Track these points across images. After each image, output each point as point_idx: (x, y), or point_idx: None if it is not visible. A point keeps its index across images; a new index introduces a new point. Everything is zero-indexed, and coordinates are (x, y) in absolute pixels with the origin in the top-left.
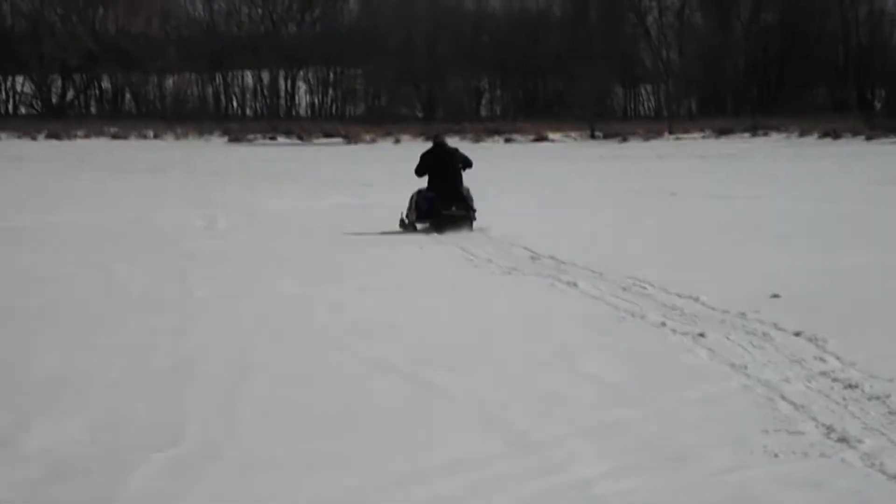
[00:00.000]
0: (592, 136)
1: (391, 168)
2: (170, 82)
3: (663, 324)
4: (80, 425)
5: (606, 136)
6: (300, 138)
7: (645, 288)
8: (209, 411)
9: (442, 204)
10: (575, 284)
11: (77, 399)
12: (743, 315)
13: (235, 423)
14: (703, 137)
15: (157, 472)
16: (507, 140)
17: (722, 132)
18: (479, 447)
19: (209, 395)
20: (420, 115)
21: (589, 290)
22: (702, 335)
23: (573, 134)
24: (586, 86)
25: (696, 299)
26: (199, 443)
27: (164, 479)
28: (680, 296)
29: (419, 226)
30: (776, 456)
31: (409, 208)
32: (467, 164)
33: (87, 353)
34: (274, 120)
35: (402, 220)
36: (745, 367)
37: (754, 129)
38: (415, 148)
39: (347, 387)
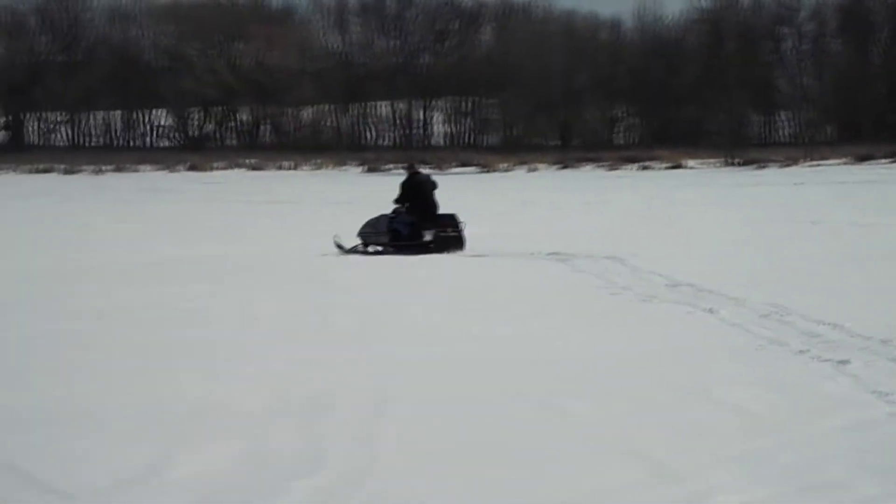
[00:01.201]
0: (729, 163)
1: (525, 197)
2: (306, 114)
3: (804, 351)
4: (224, 454)
5: (743, 163)
6: (435, 167)
7: (785, 315)
8: (350, 441)
9: (426, 227)
10: (714, 311)
11: (221, 429)
12: (886, 342)
13: (375, 453)
14: (843, 164)
15: (299, 502)
16: (644, 167)
17: (861, 158)
18: (620, 477)
19: (350, 426)
20: (556, 143)
21: (728, 318)
22: (844, 362)
23: (709, 161)
24: (722, 114)
25: (838, 326)
26: (340, 473)
27: None
28: (821, 323)
29: (371, 249)
30: None
31: (372, 232)
32: (435, 187)
33: (230, 384)
34: (409, 149)
35: (338, 245)
36: (889, 395)
37: (894, 155)
38: (549, 176)
39: (486, 417)
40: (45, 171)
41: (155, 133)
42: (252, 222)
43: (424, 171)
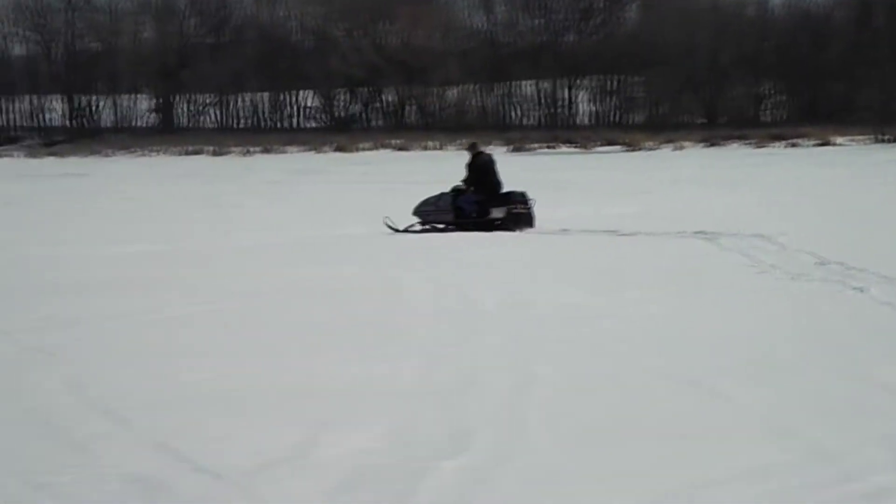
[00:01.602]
0: (879, 140)
1: (672, 175)
2: (451, 94)
3: None
4: (372, 434)
5: (894, 140)
6: (581, 147)
7: None
8: (496, 420)
9: (494, 205)
10: (864, 290)
11: (368, 409)
12: None
13: (522, 432)
14: None
15: (447, 481)
16: (791, 145)
17: None
18: (772, 455)
19: (496, 404)
20: (702, 121)
21: (879, 296)
22: None
23: (859, 137)
24: (872, 89)
25: None
26: (487, 452)
27: (454, 487)
28: None
29: (417, 225)
30: None
31: (433, 210)
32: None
33: (377, 364)
34: (554, 129)
35: (389, 225)
36: None
37: None
38: (695, 155)
39: (632, 395)
40: (195, 152)
41: (302, 114)
42: (397, 202)
43: (487, 150)
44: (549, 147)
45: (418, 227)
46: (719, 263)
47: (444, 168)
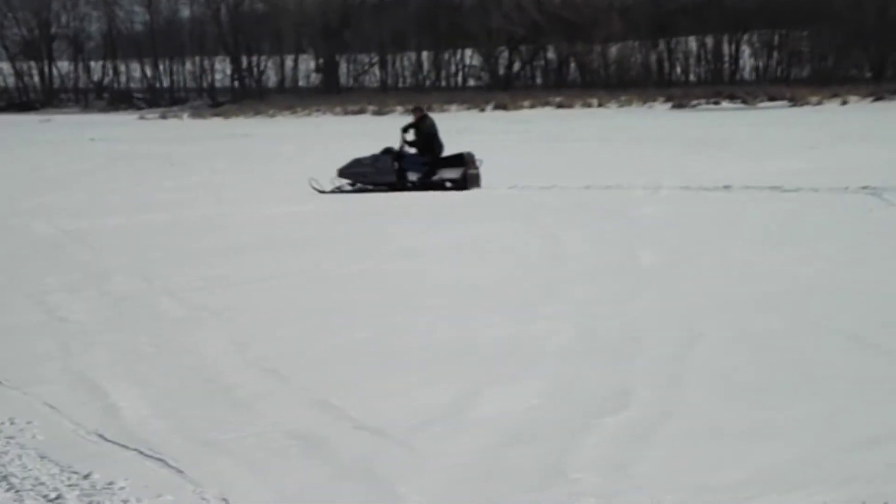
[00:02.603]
0: None
1: (837, 131)
2: (613, 50)
3: None
4: (531, 392)
5: None
6: (744, 102)
7: None
8: (658, 377)
9: (443, 166)
10: None
11: (528, 366)
12: None
13: (684, 389)
14: None
15: (608, 438)
16: None
17: None
18: None
19: (657, 362)
20: (868, 75)
21: None
22: None
23: None
24: None
25: None
26: (648, 409)
27: (615, 444)
28: None
29: (347, 186)
30: None
31: (371, 171)
32: None
33: (538, 321)
34: (717, 84)
35: (315, 187)
36: None
37: None
38: (862, 109)
39: (796, 351)
40: (357, 112)
41: (463, 73)
42: (561, 160)
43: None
44: (711, 103)
45: (348, 189)
46: (885, 219)
47: (605, 124)
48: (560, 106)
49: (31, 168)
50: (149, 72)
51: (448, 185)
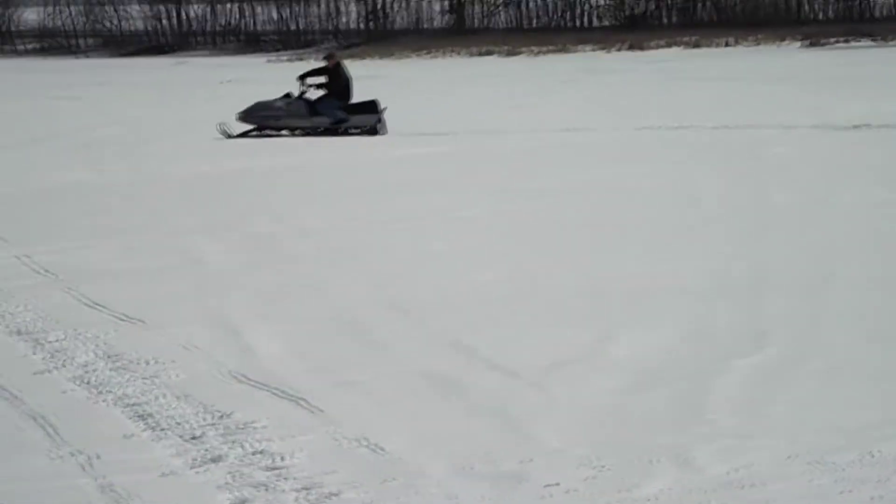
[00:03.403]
0: None
1: None
2: None
3: None
4: (666, 333)
5: None
6: (879, 39)
7: None
8: (792, 318)
9: (361, 112)
10: None
11: (663, 308)
12: None
13: (818, 330)
14: None
15: (742, 379)
16: None
17: None
18: None
19: (791, 302)
20: None
21: None
22: None
23: None
24: None
25: None
26: (782, 349)
27: (749, 385)
28: None
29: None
30: None
31: (283, 114)
32: None
33: (672, 263)
34: (850, 22)
35: (223, 132)
36: None
37: None
38: None
39: None
40: (486, 53)
41: (594, 12)
42: (688, 100)
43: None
44: (844, 41)
45: (254, 133)
46: None
47: (736, 63)
48: (691, 45)
49: (173, 111)
50: (280, 14)
51: (358, 131)
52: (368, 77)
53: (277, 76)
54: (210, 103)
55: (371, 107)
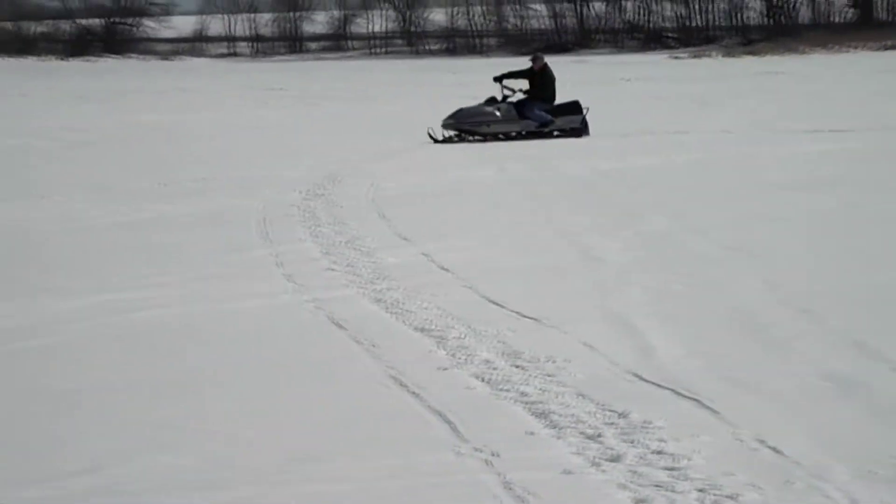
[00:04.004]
0: None
1: None
2: None
3: None
4: None
5: None
6: None
7: None
8: None
9: (564, 114)
10: None
11: None
12: None
13: None
14: None
15: None
16: None
17: None
18: None
19: None
20: None
21: None
22: None
23: None
24: None
25: None
26: None
27: None
28: None
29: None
30: None
31: (496, 119)
32: None
33: None
34: None
35: (431, 136)
36: None
37: None
38: None
39: None
40: (893, 47)
41: None
42: None
43: None
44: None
45: (463, 136)
46: None
47: None
48: None
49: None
50: (680, 11)
51: (562, 132)
52: (766, 73)
53: (677, 73)
54: (608, 102)
55: (574, 108)
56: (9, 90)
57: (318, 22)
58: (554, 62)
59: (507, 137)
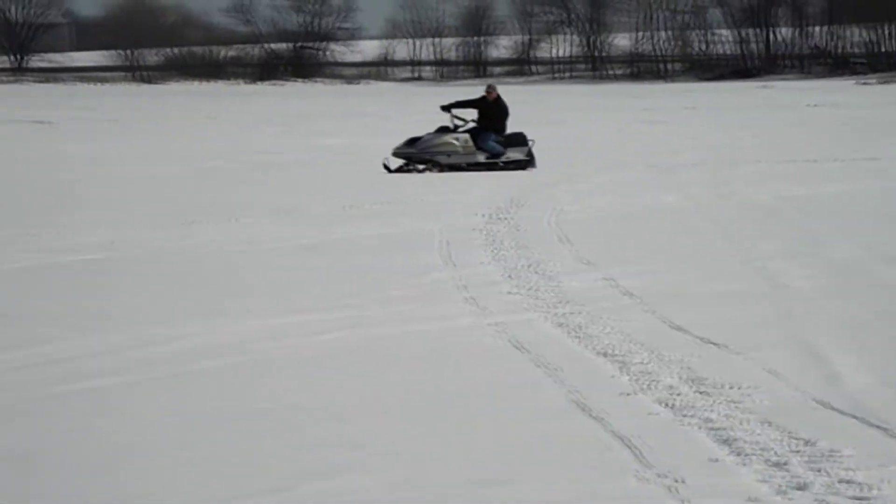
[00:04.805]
0: None
1: None
2: None
3: None
4: None
5: None
6: None
7: None
8: None
9: (513, 146)
10: None
11: None
12: None
13: None
14: None
15: None
16: None
17: None
18: None
19: None
20: None
21: None
22: None
23: None
24: None
25: None
26: None
27: None
28: None
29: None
30: None
31: (463, 152)
32: None
33: None
34: None
35: (385, 166)
36: None
37: None
38: None
39: None
40: None
41: None
42: None
43: None
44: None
45: (421, 167)
46: None
47: None
48: None
49: (753, 133)
50: (870, 36)
51: (511, 165)
52: None
53: (865, 99)
54: (794, 127)
55: (521, 139)
56: (198, 113)
57: (503, 46)
58: (737, 87)
59: (459, 169)
